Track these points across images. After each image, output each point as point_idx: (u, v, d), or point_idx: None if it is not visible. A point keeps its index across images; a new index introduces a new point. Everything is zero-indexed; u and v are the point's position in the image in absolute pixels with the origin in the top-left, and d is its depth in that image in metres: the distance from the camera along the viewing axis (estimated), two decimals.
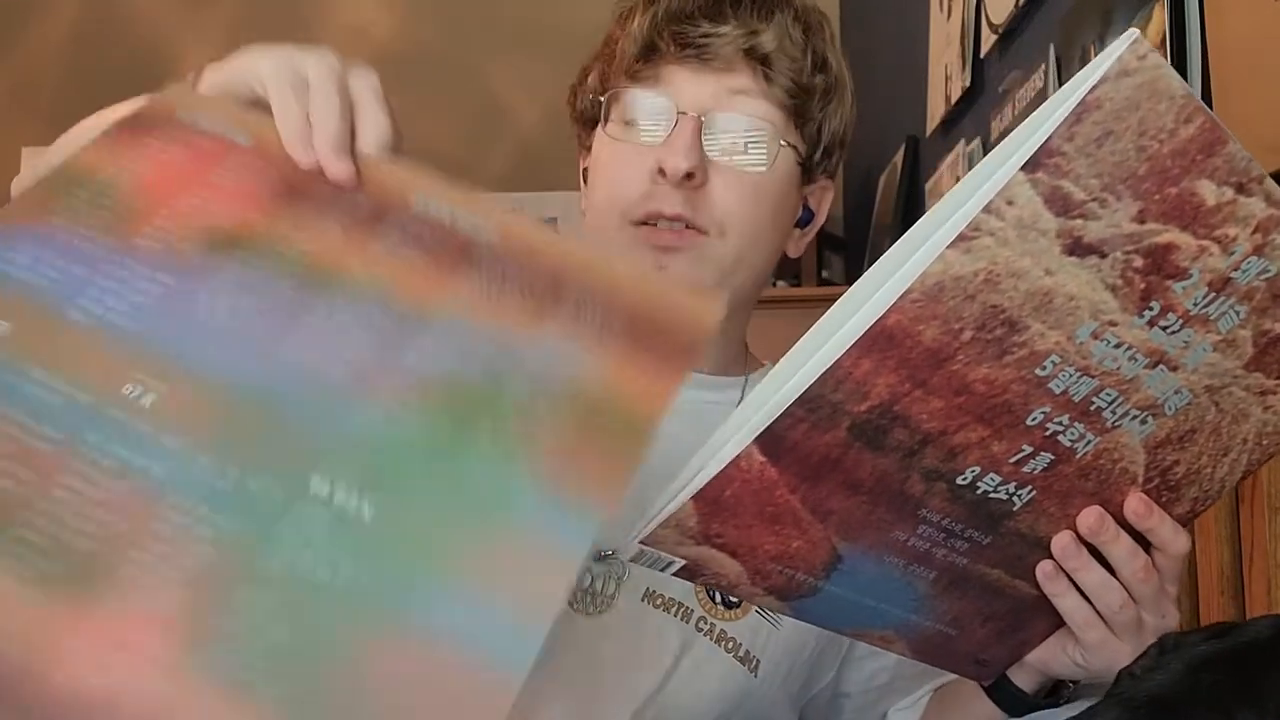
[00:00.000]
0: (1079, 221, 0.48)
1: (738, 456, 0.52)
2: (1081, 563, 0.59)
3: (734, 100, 0.77)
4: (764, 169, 0.78)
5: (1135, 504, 0.58)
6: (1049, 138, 0.46)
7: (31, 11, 3.66)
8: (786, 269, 2.64)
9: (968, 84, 1.96)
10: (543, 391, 0.50)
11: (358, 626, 0.42)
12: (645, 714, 0.75)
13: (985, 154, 2.20)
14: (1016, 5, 1.69)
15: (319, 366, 0.49)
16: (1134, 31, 0.47)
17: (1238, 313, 0.53)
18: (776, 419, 0.50)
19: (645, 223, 0.78)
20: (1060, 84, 1.53)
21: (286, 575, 0.42)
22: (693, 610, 0.77)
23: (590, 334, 0.53)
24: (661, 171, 0.76)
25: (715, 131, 0.77)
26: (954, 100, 2.05)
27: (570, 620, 0.76)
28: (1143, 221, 0.49)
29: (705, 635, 0.77)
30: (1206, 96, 1.08)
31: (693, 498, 0.53)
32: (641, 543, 0.56)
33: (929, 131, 2.28)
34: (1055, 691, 0.70)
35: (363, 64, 0.59)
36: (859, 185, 3.26)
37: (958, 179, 2.00)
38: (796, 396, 0.50)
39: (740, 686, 0.77)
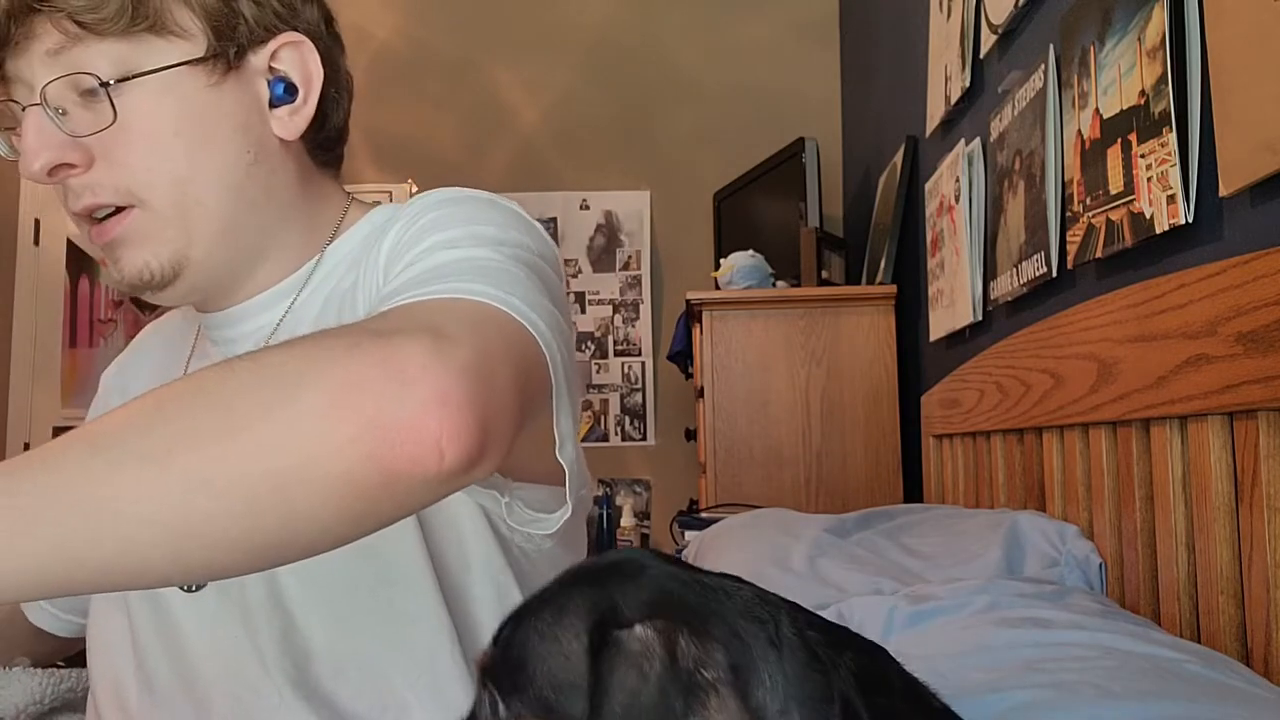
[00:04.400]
0: None
1: None
2: None
3: (54, 64, 0.69)
4: (111, 120, 0.70)
5: None
6: None
7: None
8: (786, 269, 2.62)
9: (967, 84, 1.96)
10: None
11: None
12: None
13: (985, 154, 2.18)
14: (1016, 5, 1.69)
15: None
16: None
17: None
18: None
19: (92, 217, 0.73)
20: (1060, 84, 1.54)
21: None
22: None
23: None
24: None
25: (58, 104, 0.70)
26: (954, 100, 2.05)
27: (175, 604, 0.75)
28: None
29: None
30: (1206, 96, 1.08)
31: None
32: None
33: (929, 131, 2.28)
34: None
35: None
36: (858, 185, 3.25)
37: (957, 179, 2.01)
38: None
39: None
